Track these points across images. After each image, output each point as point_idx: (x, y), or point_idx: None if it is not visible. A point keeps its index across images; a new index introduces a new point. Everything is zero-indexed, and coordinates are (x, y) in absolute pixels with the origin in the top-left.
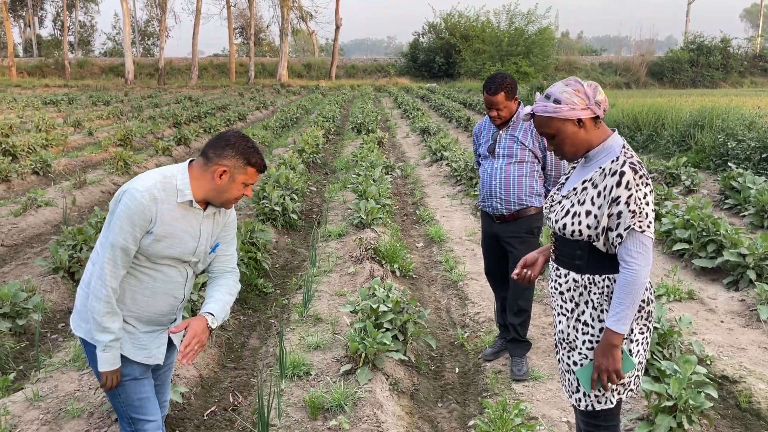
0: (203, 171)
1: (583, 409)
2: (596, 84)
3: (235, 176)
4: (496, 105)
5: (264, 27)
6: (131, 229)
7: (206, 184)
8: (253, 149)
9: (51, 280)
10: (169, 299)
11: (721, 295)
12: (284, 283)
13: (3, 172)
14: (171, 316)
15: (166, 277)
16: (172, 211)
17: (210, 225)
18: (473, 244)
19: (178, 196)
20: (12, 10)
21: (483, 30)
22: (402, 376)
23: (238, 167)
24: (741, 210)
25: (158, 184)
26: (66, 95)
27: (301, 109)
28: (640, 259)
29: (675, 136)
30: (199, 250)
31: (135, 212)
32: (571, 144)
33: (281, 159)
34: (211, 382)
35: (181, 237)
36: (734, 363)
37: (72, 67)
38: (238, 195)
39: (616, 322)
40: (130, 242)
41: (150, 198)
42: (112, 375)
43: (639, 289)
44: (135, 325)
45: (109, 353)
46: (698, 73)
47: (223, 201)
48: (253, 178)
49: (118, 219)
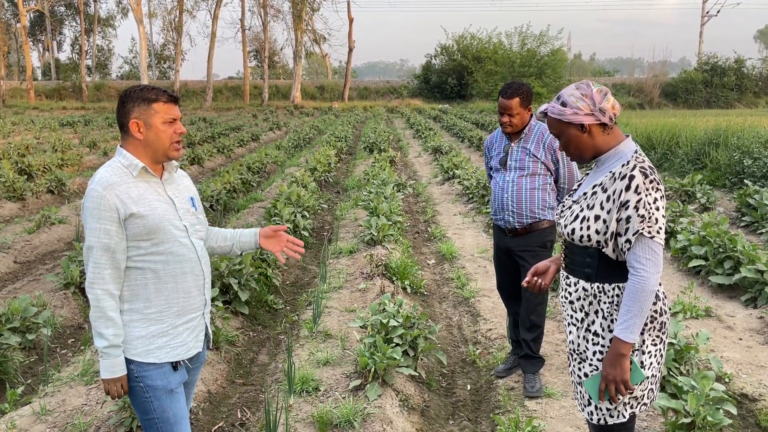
0: (127, 138)
1: (595, 423)
2: (606, 90)
3: (149, 120)
4: (509, 110)
5: (278, 50)
6: (99, 224)
7: (138, 147)
8: (147, 88)
9: (62, 295)
10: (191, 278)
11: (738, 312)
12: (294, 299)
13: (18, 190)
14: (200, 297)
15: (177, 257)
16: (136, 187)
17: (174, 188)
18: (485, 261)
19: (132, 170)
20: (31, 34)
21: (495, 51)
22: (412, 392)
23: (144, 111)
24: (758, 227)
25: (107, 172)
26: (83, 117)
27: (314, 130)
28: (649, 266)
29: (690, 155)
30: (181, 208)
31: (95, 207)
32: (575, 147)
33: (293, 177)
34: (219, 398)
35: (158, 205)
36: (753, 381)
37: (89, 90)
38: (170, 136)
39: (624, 331)
40: (104, 238)
41: (104, 187)
42: (115, 383)
43: (648, 296)
44: (173, 322)
45: (107, 360)
46: (712, 94)
47: (162, 151)
48: (169, 112)
49: (85, 221)
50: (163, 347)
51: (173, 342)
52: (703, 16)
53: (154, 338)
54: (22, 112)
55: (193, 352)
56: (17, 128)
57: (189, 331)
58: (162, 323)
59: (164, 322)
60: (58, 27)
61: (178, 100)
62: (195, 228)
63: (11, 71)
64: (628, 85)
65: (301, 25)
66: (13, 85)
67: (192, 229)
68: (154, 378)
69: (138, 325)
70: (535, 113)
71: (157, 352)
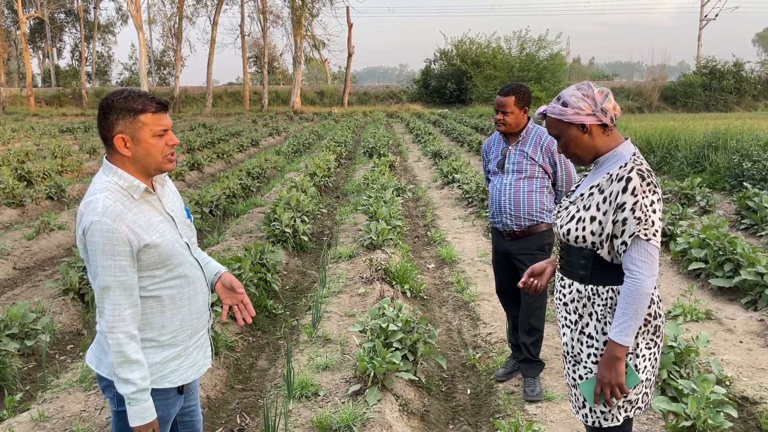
0: (114, 154)
1: (590, 426)
2: (608, 91)
3: (137, 135)
4: (504, 107)
5: (277, 55)
6: (114, 262)
7: (126, 163)
8: (132, 96)
9: (61, 301)
10: (201, 297)
11: (739, 314)
12: (294, 304)
13: (18, 197)
14: (206, 313)
15: (189, 278)
16: (141, 212)
17: (168, 201)
18: (485, 265)
19: (133, 193)
20: (31, 41)
21: (494, 56)
22: (412, 396)
23: (131, 124)
24: (758, 230)
25: (108, 199)
26: (82, 123)
27: (314, 135)
28: (645, 268)
29: (689, 158)
30: (180, 223)
31: (107, 242)
32: (575, 147)
33: (293, 182)
34: (218, 403)
35: (165, 228)
36: (754, 384)
37: (89, 97)
38: (162, 150)
39: (619, 333)
40: (121, 276)
41: (113, 219)
42: (147, 429)
43: (643, 299)
44: (186, 344)
45: (136, 407)
46: (711, 97)
47: (154, 166)
48: (158, 123)
49: (96, 258)
50: (176, 370)
51: (185, 363)
52: (701, 19)
53: (168, 362)
54: (22, 119)
55: (204, 370)
56: (17, 135)
57: (198, 349)
58: (176, 347)
59: (178, 345)
60: (58, 34)
61: (167, 107)
62: (192, 242)
63: (11, 78)
64: (627, 89)
65: (300, 30)
66: (13, 92)
67: (192, 245)
68: (156, 408)
69: (152, 353)
70: (532, 116)
71: (171, 376)
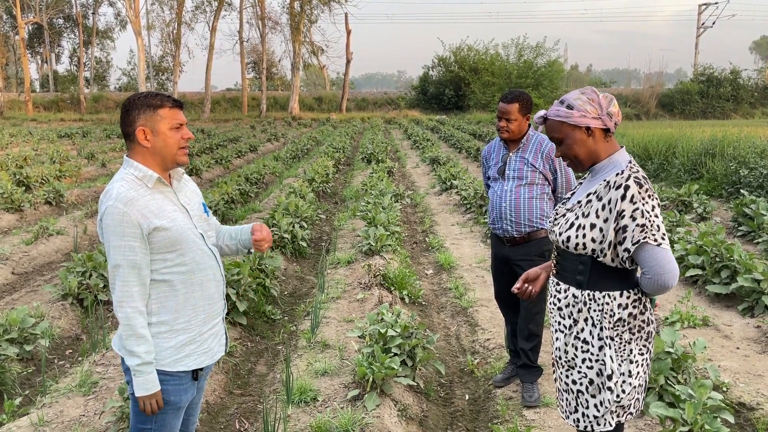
0: (134, 147)
1: (582, 430)
2: (612, 96)
3: (156, 127)
4: (507, 114)
5: (276, 61)
6: (124, 242)
7: (146, 155)
8: (152, 95)
9: (60, 306)
10: (213, 284)
11: (736, 321)
12: (292, 309)
13: (16, 202)
14: (221, 302)
15: (200, 265)
16: (153, 199)
17: (184, 196)
18: (483, 271)
19: (147, 182)
20: (30, 46)
21: (492, 63)
22: (411, 402)
23: (150, 118)
24: (754, 237)
25: (122, 187)
26: (81, 129)
27: (312, 141)
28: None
29: (686, 165)
30: (194, 216)
31: (118, 224)
32: (577, 151)
33: (291, 188)
34: (217, 408)
35: (177, 215)
36: (751, 390)
37: (87, 102)
38: (178, 142)
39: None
40: (131, 255)
41: (124, 203)
42: (150, 399)
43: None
44: (200, 329)
45: (141, 378)
46: (708, 105)
47: (171, 158)
48: (175, 117)
49: (108, 239)
50: (191, 354)
51: (200, 349)
52: (698, 27)
53: (183, 347)
54: (21, 124)
55: (218, 357)
56: (15, 140)
57: (213, 337)
58: (190, 332)
59: (192, 330)
60: (57, 39)
61: (182, 105)
62: (208, 234)
63: (9, 83)
64: (624, 96)
65: (299, 36)
66: (11, 97)
67: (206, 236)
68: (169, 393)
69: (166, 336)
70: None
71: (186, 360)
